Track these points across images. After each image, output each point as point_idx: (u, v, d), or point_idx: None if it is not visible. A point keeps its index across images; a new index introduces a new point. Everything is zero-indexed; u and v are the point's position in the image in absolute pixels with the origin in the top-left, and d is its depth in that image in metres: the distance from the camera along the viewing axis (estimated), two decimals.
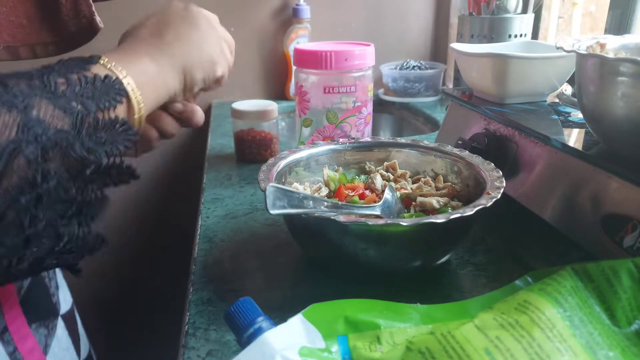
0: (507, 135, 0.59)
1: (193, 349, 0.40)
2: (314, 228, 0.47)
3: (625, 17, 0.78)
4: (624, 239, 0.42)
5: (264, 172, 0.51)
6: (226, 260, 0.53)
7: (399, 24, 1.36)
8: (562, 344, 0.30)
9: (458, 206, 0.52)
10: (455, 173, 0.57)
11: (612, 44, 0.51)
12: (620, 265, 0.35)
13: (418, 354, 0.31)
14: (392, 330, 0.34)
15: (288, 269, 0.51)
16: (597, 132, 0.49)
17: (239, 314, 0.34)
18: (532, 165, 0.54)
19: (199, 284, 0.49)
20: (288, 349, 0.30)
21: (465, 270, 0.50)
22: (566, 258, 0.48)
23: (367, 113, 0.74)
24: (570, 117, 0.60)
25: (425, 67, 1.26)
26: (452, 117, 0.74)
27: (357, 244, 0.44)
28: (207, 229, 0.60)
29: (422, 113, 1.19)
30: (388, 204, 0.50)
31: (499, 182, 0.48)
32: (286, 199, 0.42)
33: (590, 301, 0.34)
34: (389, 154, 0.62)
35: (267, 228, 0.60)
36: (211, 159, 0.87)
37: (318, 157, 0.60)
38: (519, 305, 0.33)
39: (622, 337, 0.33)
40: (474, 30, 1.01)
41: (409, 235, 0.44)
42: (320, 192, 0.56)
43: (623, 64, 0.41)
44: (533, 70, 0.63)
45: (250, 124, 0.82)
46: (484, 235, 0.56)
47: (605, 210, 0.44)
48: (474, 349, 0.30)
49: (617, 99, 0.43)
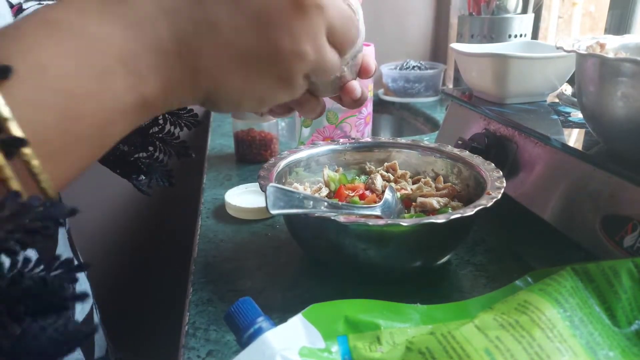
0: (507, 135, 0.59)
1: (193, 349, 0.40)
2: (314, 228, 0.47)
3: (625, 17, 0.78)
4: (624, 239, 0.42)
5: (264, 173, 0.51)
6: (226, 260, 0.53)
7: (399, 24, 1.36)
8: (563, 344, 0.30)
9: (458, 206, 0.52)
10: (455, 173, 0.57)
11: (612, 44, 0.51)
12: (620, 265, 0.35)
13: (418, 354, 0.31)
14: (392, 330, 0.34)
15: (288, 269, 0.51)
16: (597, 132, 0.49)
17: (239, 314, 0.33)
18: (532, 165, 0.54)
19: (199, 284, 0.49)
20: (288, 349, 0.30)
21: (465, 271, 0.50)
22: (566, 258, 0.48)
23: (367, 113, 0.74)
24: (570, 117, 0.60)
25: (425, 67, 1.26)
26: (452, 117, 0.74)
27: (357, 244, 0.44)
28: (207, 229, 0.60)
29: (422, 113, 1.19)
30: (388, 205, 0.50)
31: (499, 182, 0.48)
32: (286, 199, 0.42)
33: (591, 301, 0.34)
34: (389, 154, 0.62)
35: (267, 228, 0.60)
36: (211, 159, 0.87)
37: (318, 157, 0.60)
38: (519, 305, 0.33)
39: (622, 337, 0.33)
40: (474, 30, 1.01)
41: (409, 235, 0.44)
42: (320, 192, 0.56)
43: (623, 64, 0.41)
44: (533, 70, 0.63)
45: (250, 124, 0.82)
46: (484, 235, 0.56)
47: (605, 210, 0.44)
48: (474, 349, 0.30)
49: (617, 99, 0.43)
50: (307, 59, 0.27)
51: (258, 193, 0.66)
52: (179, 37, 0.24)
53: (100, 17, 0.22)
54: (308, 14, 0.26)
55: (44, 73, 0.20)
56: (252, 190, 0.68)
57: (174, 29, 0.24)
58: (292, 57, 0.27)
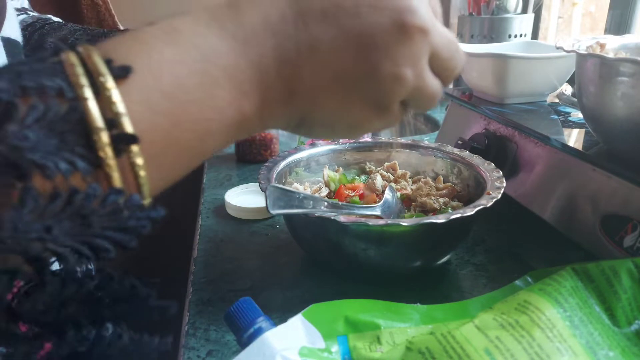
0: (507, 136, 0.59)
1: (193, 349, 0.40)
2: (314, 228, 0.47)
3: (625, 17, 0.78)
4: (624, 239, 0.42)
5: (264, 173, 0.51)
6: (226, 260, 0.53)
7: None
8: (562, 344, 0.30)
9: (458, 206, 0.52)
10: (455, 173, 0.57)
11: (612, 44, 0.51)
12: (620, 265, 0.35)
13: (418, 354, 0.31)
14: (392, 330, 0.34)
15: (288, 269, 0.51)
16: (597, 132, 0.49)
17: (239, 314, 0.33)
18: (532, 165, 0.54)
19: (199, 284, 0.49)
20: (288, 349, 0.30)
21: (465, 270, 0.50)
22: (566, 258, 0.48)
23: None
24: (570, 117, 0.60)
25: None
26: (452, 117, 0.74)
27: (357, 244, 0.44)
28: (207, 229, 0.60)
29: (422, 113, 1.19)
30: (388, 205, 0.50)
31: (499, 182, 0.48)
32: (286, 199, 0.42)
33: (590, 301, 0.34)
34: (389, 154, 0.62)
35: (267, 228, 0.60)
36: (211, 159, 0.87)
37: (318, 157, 0.60)
38: (519, 305, 0.33)
39: (622, 337, 0.33)
40: (474, 31, 1.01)
41: (409, 235, 0.44)
42: (320, 192, 0.56)
43: (623, 64, 0.41)
44: (533, 70, 0.63)
45: None
46: (484, 235, 0.56)
47: (605, 210, 0.44)
48: (474, 349, 0.30)
49: (617, 99, 0.43)
50: (406, 84, 0.26)
51: (258, 193, 0.66)
52: (281, 56, 0.24)
53: (212, 30, 0.23)
54: (412, 37, 0.25)
55: (160, 76, 0.21)
56: (252, 190, 0.68)
57: (278, 48, 0.24)
58: (391, 81, 0.26)
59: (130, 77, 0.20)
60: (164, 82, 0.21)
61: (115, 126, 0.19)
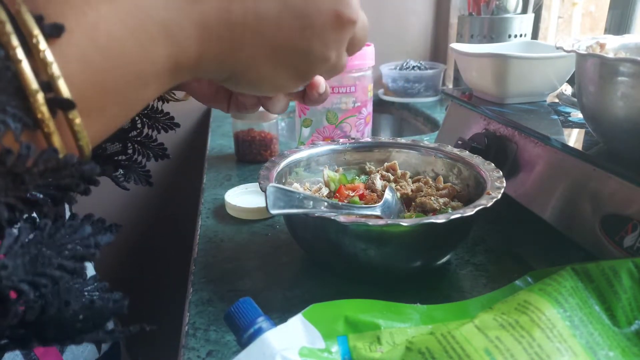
0: (507, 136, 0.59)
1: (193, 349, 0.40)
2: (314, 228, 0.47)
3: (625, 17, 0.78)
4: (624, 239, 0.42)
5: (264, 173, 0.51)
6: (226, 260, 0.53)
7: (399, 24, 1.36)
8: (562, 344, 0.30)
9: (458, 206, 0.52)
10: (455, 173, 0.57)
11: (612, 44, 0.51)
12: (620, 265, 0.35)
13: (418, 354, 0.31)
14: (392, 330, 0.34)
15: (288, 269, 0.51)
16: (597, 132, 0.49)
17: (239, 314, 0.33)
18: (532, 165, 0.54)
19: (199, 284, 0.49)
20: (288, 349, 0.30)
21: (465, 271, 0.50)
22: (566, 258, 0.48)
23: (367, 113, 0.74)
24: (570, 117, 0.60)
25: (425, 67, 1.26)
26: (452, 117, 0.74)
27: (357, 244, 0.44)
28: (207, 229, 0.60)
29: (422, 113, 1.19)
30: (388, 205, 0.50)
31: (499, 182, 0.48)
32: (286, 199, 0.42)
33: (591, 301, 0.34)
34: (389, 154, 0.62)
35: (267, 228, 0.60)
36: (211, 159, 0.87)
37: (318, 157, 0.60)
38: (519, 305, 0.33)
39: (622, 337, 0.33)
40: (473, 30, 1.01)
41: (409, 235, 0.44)
42: (320, 192, 0.56)
43: (623, 64, 0.41)
44: (533, 70, 0.63)
45: (250, 124, 0.82)
46: (484, 235, 0.56)
47: (605, 210, 0.44)
48: (474, 349, 0.30)
49: (617, 99, 0.43)
50: (329, 63, 0.31)
51: (258, 193, 0.66)
52: (225, 19, 0.25)
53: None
54: (343, 27, 0.29)
55: (94, 32, 0.21)
56: (252, 190, 0.68)
57: (223, 10, 0.25)
58: (319, 59, 0.30)
59: (64, 36, 0.20)
60: (99, 40, 0.21)
61: (51, 89, 0.19)
